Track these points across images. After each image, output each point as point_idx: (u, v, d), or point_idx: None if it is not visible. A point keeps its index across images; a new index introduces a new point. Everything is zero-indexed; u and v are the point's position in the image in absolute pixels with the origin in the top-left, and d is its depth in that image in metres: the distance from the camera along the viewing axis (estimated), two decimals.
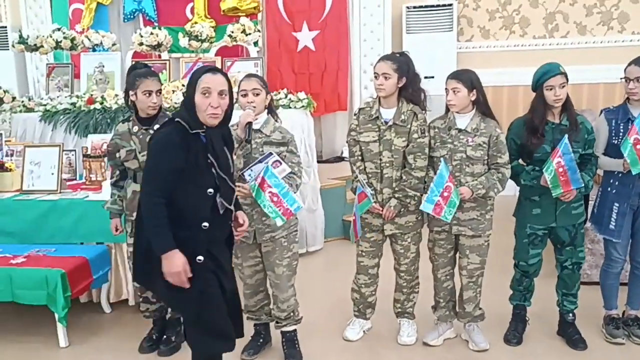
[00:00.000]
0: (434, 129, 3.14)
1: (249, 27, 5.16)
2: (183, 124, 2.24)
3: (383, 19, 6.55)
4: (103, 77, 5.14)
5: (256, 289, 3.18)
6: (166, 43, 5.18)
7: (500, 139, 3.04)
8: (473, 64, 6.65)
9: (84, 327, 3.54)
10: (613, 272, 3.29)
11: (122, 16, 6.84)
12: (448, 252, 3.22)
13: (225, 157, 2.37)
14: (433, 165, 3.13)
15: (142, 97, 3.01)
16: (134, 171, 3.11)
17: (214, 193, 2.29)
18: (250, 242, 3.01)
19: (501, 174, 3.05)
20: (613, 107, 3.23)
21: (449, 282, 3.29)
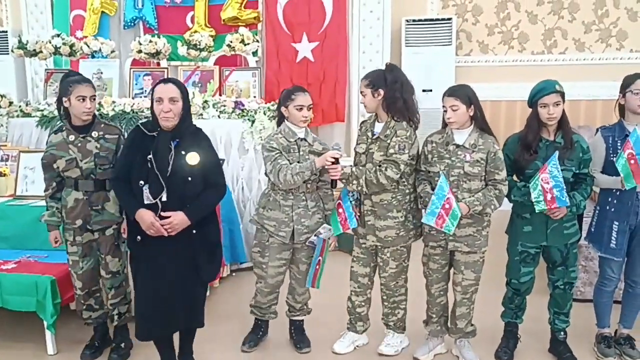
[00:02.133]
0: (432, 143, 3.13)
1: (248, 37, 5.17)
2: (141, 127, 2.79)
3: (382, 31, 6.55)
4: (101, 83, 5.15)
5: (274, 289, 3.34)
6: (165, 51, 5.19)
7: (498, 155, 3.03)
8: (471, 78, 6.72)
9: (73, 334, 3.52)
10: (607, 290, 3.28)
11: (123, 23, 6.83)
12: (442, 267, 3.20)
13: (167, 158, 2.70)
14: (430, 180, 3.12)
15: (76, 102, 3.02)
16: (75, 180, 3.10)
17: (143, 185, 2.71)
18: (286, 241, 3.19)
19: (498, 190, 3.02)
20: (609, 125, 3.23)
21: (443, 297, 3.28)
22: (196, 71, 5.17)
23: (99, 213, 3.13)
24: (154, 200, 2.69)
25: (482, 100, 3.13)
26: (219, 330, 3.65)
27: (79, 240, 3.14)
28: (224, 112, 4.81)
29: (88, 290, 3.22)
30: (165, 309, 2.77)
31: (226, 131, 4.77)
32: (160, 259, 2.74)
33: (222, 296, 4.08)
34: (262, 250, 3.29)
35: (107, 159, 3.09)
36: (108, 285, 3.23)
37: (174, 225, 2.69)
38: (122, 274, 3.28)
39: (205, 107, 4.80)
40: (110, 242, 3.18)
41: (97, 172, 3.08)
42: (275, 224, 3.21)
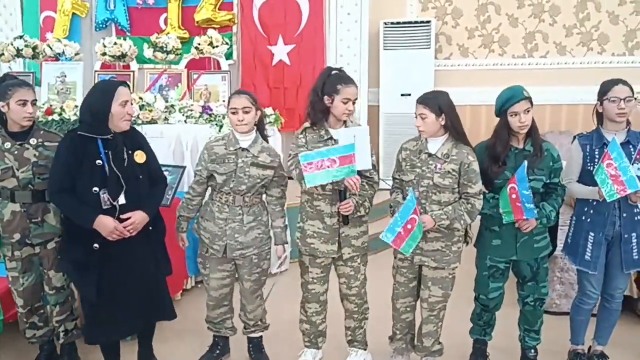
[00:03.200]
0: (406, 150, 2.98)
1: (217, 39, 5.00)
2: (82, 133, 2.68)
3: (360, 34, 6.40)
4: (64, 87, 4.95)
5: (219, 302, 3.18)
6: (131, 53, 5.01)
7: (472, 167, 2.84)
8: (451, 82, 6.59)
9: (21, 352, 3.33)
10: (585, 308, 3.13)
11: (94, 25, 6.65)
12: (409, 281, 3.04)
13: (123, 159, 2.71)
14: (402, 189, 2.97)
15: (15, 107, 2.84)
16: (12, 190, 2.90)
17: (99, 190, 2.65)
18: (219, 255, 3.03)
19: (471, 204, 2.84)
20: (587, 133, 3.08)
21: (409, 314, 3.12)
22: (163, 74, 5.00)
23: (39, 226, 2.94)
24: (113, 203, 2.67)
25: (462, 104, 3.02)
26: (178, 347, 3.48)
27: (18, 255, 2.96)
28: (190, 117, 4.64)
29: (30, 308, 3.04)
30: (130, 311, 2.78)
31: (192, 136, 4.59)
32: (124, 260, 2.73)
33: (183, 309, 3.90)
34: (203, 261, 3.16)
35: (47, 168, 2.87)
36: (52, 302, 3.06)
37: (136, 224, 2.71)
38: (68, 288, 3.11)
39: (171, 111, 4.63)
40: (53, 256, 2.99)
41: (36, 182, 2.89)
42: (209, 236, 3.07)
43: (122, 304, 2.77)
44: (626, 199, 2.88)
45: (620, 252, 2.97)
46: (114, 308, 2.75)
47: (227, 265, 3.12)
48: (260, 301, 3.24)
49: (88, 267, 2.71)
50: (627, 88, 2.89)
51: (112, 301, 2.75)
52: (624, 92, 2.87)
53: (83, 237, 2.69)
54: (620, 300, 3.10)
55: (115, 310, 2.76)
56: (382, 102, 6.49)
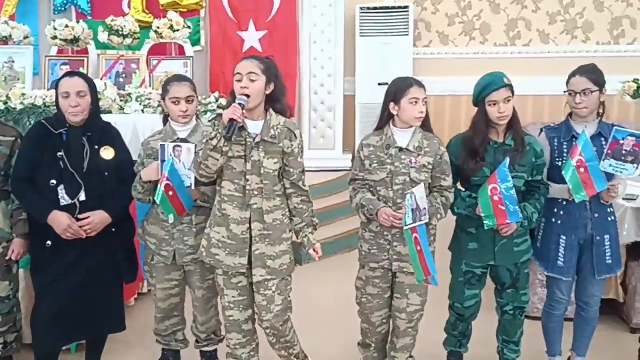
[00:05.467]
0: (369, 146, 2.66)
1: (177, 22, 4.66)
2: (46, 124, 2.60)
3: (335, 19, 6.09)
4: (13, 73, 4.58)
5: (168, 313, 2.88)
6: (84, 37, 4.63)
7: (445, 158, 2.62)
8: (430, 71, 6.30)
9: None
10: (556, 314, 2.88)
11: (52, 7, 6.24)
12: (384, 292, 2.72)
13: (81, 155, 2.57)
14: (373, 190, 2.66)
15: None
16: None
17: (56, 184, 2.52)
18: (168, 262, 2.72)
19: (445, 197, 2.62)
20: (555, 124, 2.81)
21: (385, 325, 2.81)
22: (120, 60, 4.64)
23: None
24: (72, 200, 2.53)
25: (441, 94, 2.78)
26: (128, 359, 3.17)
27: None
28: (148, 105, 4.29)
29: None
30: (77, 315, 2.60)
31: (150, 126, 4.21)
32: (75, 261, 2.58)
33: (136, 316, 3.59)
34: (149, 269, 2.85)
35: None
36: None
37: (94, 224, 2.55)
38: (13, 299, 2.84)
39: (128, 100, 4.28)
40: (0, 263, 2.72)
41: None
42: (156, 241, 2.76)
43: (66, 309, 2.57)
44: (597, 198, 2.64)
45: (592, 257, 2.72)
46: (57, 311, 2.56)
47: (175, 273, 2.80)
48: (214, 311, 2.91)
49: (39, 264, 2.62)
50: (585, 79, 2.62)
51: (57, 304, 2.56)
52: (581, 84, 2.63)
53: (38, 232, 2.61)
54: (597, 307, 2.86)
55: (59, 314, 2.57)
56: (358, 91, 6.21)
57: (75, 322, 2.61)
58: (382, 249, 2.64)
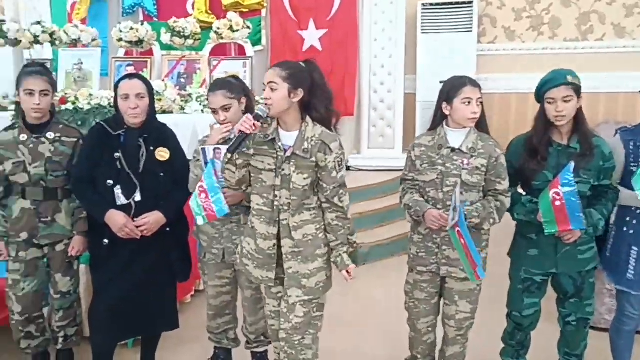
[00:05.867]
0: (420, 147, 2.59)
1: (237, 23, 4.70)
2: (105, 125, 2.65)
3: (396, 17, 5.98)
4: (82, 74, 4.77)
5: (220, 311, 2.90)
6: (148, 39, 4.77)
7: (501, 161, 2.49)
8: (495, 68, 6.09)
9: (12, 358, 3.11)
10: (626, 329, 2.68)
11: (121, 10, 6.48)
12: (432, 297, 2.65)
13: (137, 156, 2.60)
14: (422, 192, 2.59)
15: (24, 97, 2.68)
16: (23, 186, 2.73)
17: (113, 185, 2.57)
18: (219, 260, 2.75)
19: (500, 202, 2.50)
20: (631, 126, 2.62)
21: (431, 334, 2.73)
22: (181, 61, 4.74)
23: (48, 226, 2.76)
24: (128, 200, 2.57)
25: (506, 92, 2.63)
26: (181, 356, 3.23)
27: (23, 256, 2.77)
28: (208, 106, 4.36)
29: (28, 316, 2.83)
30: (131, 313, 2.64)
31: (208, 126, 4.31)
32: (130, 261, 2.62)
33: (192, 314, 3.65)
34: (202, 267, 2.89)
35: (61, 165, 2.73)
36: (57, 306, 2.87)
37: (150, 225, 2.59)
38: (74, 294, 2.92)
39: (188, 100, 4.36)
40: (61, 259, 2.81)
41: (48, 179, 2.73)
42: (207, 239, 2.79)
43: (121, 307, 2.61)
44: None
45: None
46: (113, 309, 2.61)
47: (226, 271, 2.82)
48: (263, 313, 2.85)
49: (97, 262, 2.68)
50: None
51: (113, 302, 2.61)
52: None
53: (95, 231, 2.67)
54: None
55: (114, 312, 2.61)
56: (419, 89, 6.08)
57: (130, 319, 2.65)
58: (430, 253, 2.56)
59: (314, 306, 2.36)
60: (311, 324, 2.36)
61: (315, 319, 2.38)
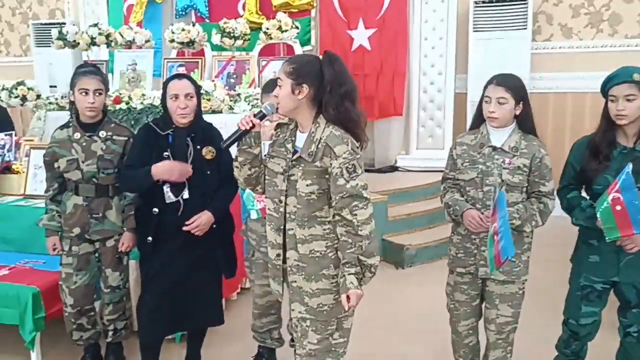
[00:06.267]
0: (462, 145, 2.54)
1: (286, 23, 4.70)
2: (153, 126, 2.69)
3: (447, 15, 5.87)
4: (135, 75, 4.88)
5: (265, 310, 2.91)
6: (199, 40, 4.84)
7: (545, 162, 2.41)
8: (550, 67, 5.88)
9: (63, 350, 3.22)
10: None
11: (175, 12, 6.61)
12: (472, 299, 2.59)
13: (185, 155, 2.63)
14: (462, 191, 2.53)
15: (78, 96, 2.75)
16: (76, 183, 2.81)
17: (162, 183, 2.59)
18: (267, 259, 2.65)
19: (543, 204, 2.42)
20: None
21: (472, 337, 2.66)
22: (231, 61, 4.78)
23: (99, 222, 2.84)
24: (176, 198, 2.61)
25: (562, 91, 2.51)
26: (226, 352, 3.25)
27: (75, 250, 2.86)
28: (257, 106, 4.39)
29: (80, 309, 2.90)
30: (177, 308, 2.68)
31: None
32: (176, 256, 2.66)
33: (237, 311, 3.67)
34: (249, 265, 2.91)
35: (112, 163, 2.81)
36: (107, 300, 2.95)
37: (202, 225, 2.61)
38: (123, 288, 2.99)
39: (237, 100, 4.40)
40: (112, 254, 2.89)
41: (100, 176, 2.80)
42: (256, 237, 2.80)
43: (167, 302, 2.66)
44: None
45: None
46: (159, 304, 2.66)
47: None
48: None
49: (144, 258, 2.74)
50: None
51: (159, 297, 2.66)
52: None
53: (140, 229, 2.74)
54: None
55: (160, 306, 2.66)
56: (471, 89, 5.92)
57: (176, 314, 2.69)
58: (469, 254, 2.51)
59: (330, 332, 2.12)
60: (331, 351, 2.13)
61: (337, 346, 2.15)
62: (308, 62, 2.09)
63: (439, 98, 6.02)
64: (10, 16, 7.86)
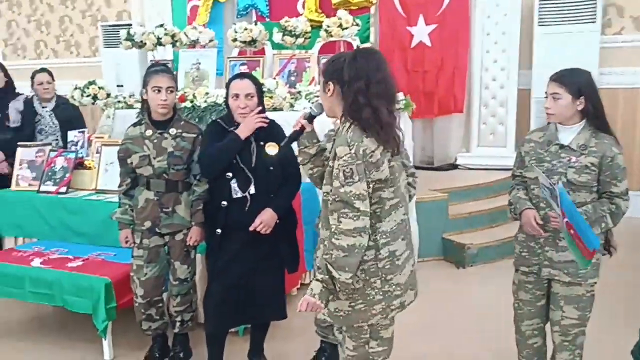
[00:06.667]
0: (530, 142, 2.50)
1: (347, 20, 4.71)
2: (220, 122, 2.80)
3: (511, 9, 5.73)
4: (199, 74, 5.00)
5: None
6: (261, 39, 4.91)
7: (617, 161, 2.32)
8: (621, 62, 5.64)
9: (133, 338, 3.35)
10: None
11: (236, 12, 6.74)
12: (537, 299, 2.52)
13: (249, 151, 2.70)
14: (527, 188, 2.48)
15: (151, 94, 2.85)
16: (148, 178, 2.91)
17: (231, 178, 2.68)
18: None
19: (615, 205, 2.33)
20: None
21: (537, 338, 2.59)
22: (292, 59, 4.83)
23: (169, 216, 2.94)
24: (243, 193, 2.68)
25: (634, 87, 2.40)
26: (288, 347, 3.29)
27: (146, 243, 2.97)
28: None
29: (149, 300, 3.01)
30: (241, 301, 2.75)
31: (318, 124, 4.35)
32: (242, 250, 2.72)
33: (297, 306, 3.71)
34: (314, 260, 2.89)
35: (182, 159, 2.90)
36: (175, 292, 3.04)
37: (266, 222, 2.68)
38: (191, 281, 3.08)
39: (298, 97, 4.44)
40: (180, 248, 2.98)
41: (170, 172, 2.90)
42: None
43: (232, 294, 2.73)
44: None
45: None
46: (224, 296, 2.73)
47: None
48: None
49: (212, 252, 2.81)
50: None
51: (224, 289, 2.73)
52: None
53: (209, 221, 2.82)
54: None
55: (225, 299, 2.73)
56: (535, 85, 5.75)
57: (241, 307, 2.76)
58: (533, 253, 2.46)
59: (364, 340, 2.13)
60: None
61: (375, 354, 2.15)
62: (336, 59, 2.06)
63: (501, 94, 5.88)
64: (80, 19, 8.21)
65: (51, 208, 3.76)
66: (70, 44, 8.33)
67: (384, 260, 2.01)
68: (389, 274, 2.03)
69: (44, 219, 3.78)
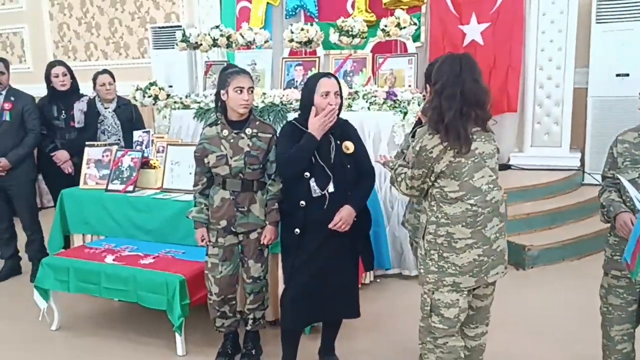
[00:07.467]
0: (623, 143, 2.44)
1: (404, 20, 4.69)
2: (296, 123, 2.81)
3: (567, 6, 5.62)
4: (255, 74, 5.05)
5: None
6: (317, 39, 4.93)
7: None
8: None
9: (204, 335, 3.41)
10: None
11: (285, 13, 6.79)
12: (628, 304, 2.47)
13: (329, 150, 2.73)
14: (620, 190, 2.43)
15: (233, 94, 2.87)
16: (224, 177, 2.94)
17: (309, 177, 2.69)
18: None
19: None
20: None
21: (626, 344, 2.54)
22: (348, 59, 4.84)
23: (244, 215, 2.96)
24: (322, 192, 2.71)
25: None
26: (349, 345, 3.30)
27: (222, 242, 3.00)
28: (374, 103, 4.42)
29: (224, 297, 3.05)
30: (318, 298, 2.78)
31: (375, 124, 4.38)
32: (320, 248, 2.74)
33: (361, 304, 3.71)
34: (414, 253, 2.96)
35: (257, 159, 2.93)
36: (248, 290, 3.07)
37: (345, 219, 2.71)
38: (264, 279, 3.11)
39: (355, 98, 4.45)
40: (254, 246, 3.02)
41: (246, 171, 2.93)
42: (412, 229, 2.88)
43: (309, 292, 2.76)
44: None
45: None
46: (302, 293, 2.76)
47: None
48: None
49: (289, 250, 2.83)
50: None
51: (302, 287, 2.76)
52: None
53: (287, 221, 2.85)
54: None
55: (303, 296, 2.76)
56: (592, 84, 5.65)
57: (317, 304, 2.78)
58: None
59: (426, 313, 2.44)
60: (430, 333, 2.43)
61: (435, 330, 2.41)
62: (433, 63, 2.35)
63: (556, 93, 5.78)
64: (129, 21, 8.37)
65: (119, 206, 3.85)
66: (120, 46, 8.50)
67: (441, 238, 2.31)
68: (445, 252, 2.31)
69: (112, 216, 3.87)
